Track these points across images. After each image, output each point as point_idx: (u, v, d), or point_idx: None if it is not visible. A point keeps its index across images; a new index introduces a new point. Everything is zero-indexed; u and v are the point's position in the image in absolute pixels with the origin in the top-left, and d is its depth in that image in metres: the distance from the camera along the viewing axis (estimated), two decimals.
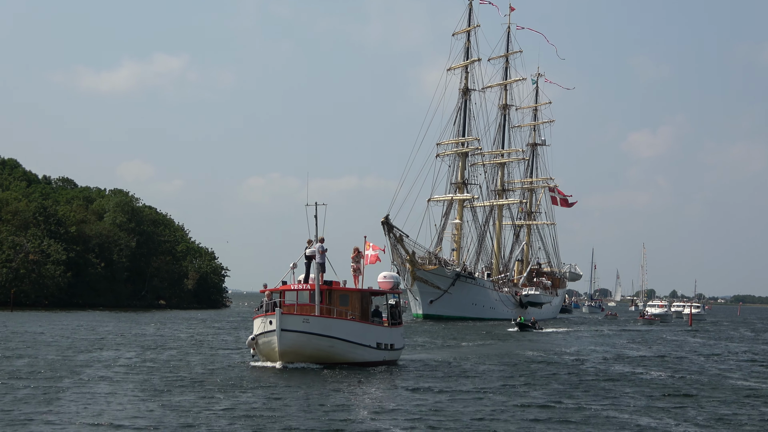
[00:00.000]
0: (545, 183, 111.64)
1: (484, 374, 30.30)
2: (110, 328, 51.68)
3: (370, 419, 19.55)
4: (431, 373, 30.02)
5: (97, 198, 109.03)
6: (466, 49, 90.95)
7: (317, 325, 29.47)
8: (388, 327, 32.88)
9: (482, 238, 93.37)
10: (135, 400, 21.54)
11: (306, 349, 29.44)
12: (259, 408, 20.72)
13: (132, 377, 26.39)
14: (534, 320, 65.98)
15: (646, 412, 21.82)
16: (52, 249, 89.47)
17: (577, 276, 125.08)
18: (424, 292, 78.70)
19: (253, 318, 31.13)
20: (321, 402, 21.87)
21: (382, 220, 72.88)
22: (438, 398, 23.26)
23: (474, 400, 23.07)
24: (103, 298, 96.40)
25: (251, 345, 30.74)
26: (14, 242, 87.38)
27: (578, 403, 23.08)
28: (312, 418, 19.42)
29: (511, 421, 19.81)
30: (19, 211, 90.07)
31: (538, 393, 24.96)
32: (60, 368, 28.07)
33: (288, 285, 31.80)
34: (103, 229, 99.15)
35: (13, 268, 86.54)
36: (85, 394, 22.30)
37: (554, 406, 22.29)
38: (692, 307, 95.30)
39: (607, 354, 41.98)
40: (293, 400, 22.24)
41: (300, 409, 20.83)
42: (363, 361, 30.90)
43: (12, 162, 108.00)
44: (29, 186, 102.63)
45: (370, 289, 33.24)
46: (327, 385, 25.21)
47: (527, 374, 30.48)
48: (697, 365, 37.03)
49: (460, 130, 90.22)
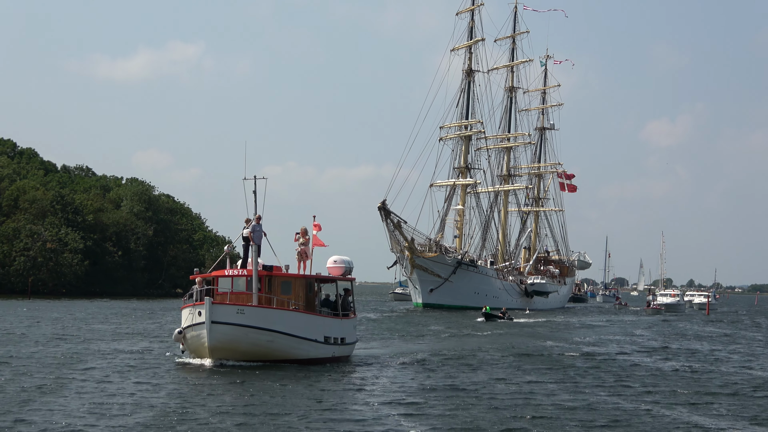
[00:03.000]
0: (553, 168, 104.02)
1: (435, 370, 25.51)
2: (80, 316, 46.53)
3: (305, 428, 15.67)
4: (384, 370, 25.39)
5: (114, 187, 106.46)
6: (470, 28, 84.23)
7: (254, 317, 24.24)
8: (338, 318, 27.34)
9: (487, 225, 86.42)
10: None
11: (241, 344, 24.22)
12: (170, 415, 16.38)
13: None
14: (504, 310, 57.74)
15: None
16: (69, 237, 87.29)
17: (586, 264, 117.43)
18: (424, 280, 72.54)
19: (181, 308, 25.81)
20: (254, 408, 17.44)
21: (379, 205, 66.87)
22: (389, 398, 19.63)
23: (422, 404, 19.02)
24: (121, 286, 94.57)
25: (178, 339, 25.34)
26: (32, 231, 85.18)
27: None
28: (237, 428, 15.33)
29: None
30: (37, 199, 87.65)
31: (489, 391, 20.36)
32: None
33: (222, 270, 26.35)
34: (121, 218, 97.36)
35: (31, 256, 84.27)
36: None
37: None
38: (705, 296, 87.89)
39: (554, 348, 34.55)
40: (217, 405, 17.79)
41: (222, 416, 16.55)
42: (308, 358, 25.57)
43: (30, 151, 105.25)
44: (47, 175, 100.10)
45: (317, 275, 27.67)
46: (264, 387, 20.53)
47: (473, 366, 26.46)
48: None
49: (463, 113, 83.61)
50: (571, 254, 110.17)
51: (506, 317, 54.74)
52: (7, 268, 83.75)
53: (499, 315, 54.67)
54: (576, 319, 65.57)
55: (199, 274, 26.63)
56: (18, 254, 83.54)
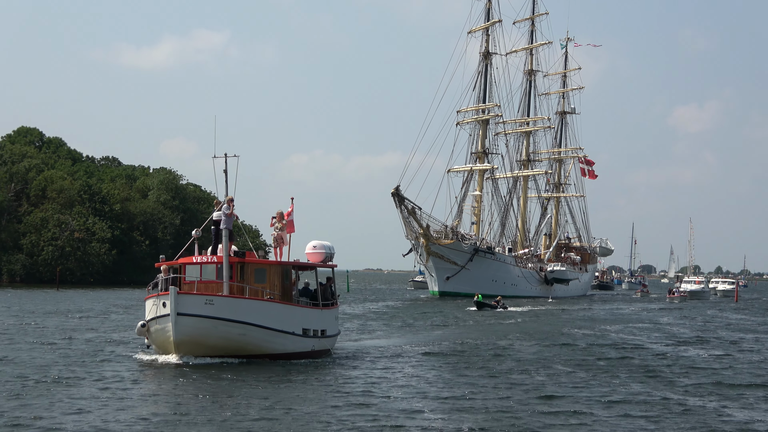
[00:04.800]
0: (574, 153, 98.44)
1: (420, 365, 22.83)
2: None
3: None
4: (366, 365, 22.70)
5: (141, 176, 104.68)
6: (486, 10, 79.57)
7: (224, 308, 21.40)
8: (318, 309, 24.28)
9: (506, 211, 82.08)
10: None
11: (210, 338, 21.37)
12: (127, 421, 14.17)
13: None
14: (499, 298, 52.64)
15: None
16: (97, 227, 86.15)
17: (608, 251, 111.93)
18: (440, 268, 68.64)
19: (144, 298, 22.97)
20: (223, 411, 15.23)
21: (392, 191, 63.25)
22: (371, 396, 17.39)
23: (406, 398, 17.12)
24: (148, 275, 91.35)
25: (142, 333, 22.47)
26: (60, 220, 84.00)
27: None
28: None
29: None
30: (65, 189, 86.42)
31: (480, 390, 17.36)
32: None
33: (189, 257, 23.46)
34: (148, 207, 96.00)
35: (59, 246, 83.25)
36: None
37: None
38: (731, 283, 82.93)
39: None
40: (180, 407, 15.52)
41: (186, 421, 14.31)
42: (285, 353, 22.64)
43: (57, 141, 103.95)
44: (74, 164, 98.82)
45: (294, 262, 24.58)
46: (236, 385, 18.21)
47: (457, 363, 23.21)
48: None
49: (480, 97, 78.96)
50: (593, 241, 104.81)
51: (500, 306, 50.33)
52: (36, 258, 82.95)
53: (492, 303, 50.39)
54: (586, 307, 60.40)
55: (165, 261, 23.72)
56: (46, 244, 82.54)
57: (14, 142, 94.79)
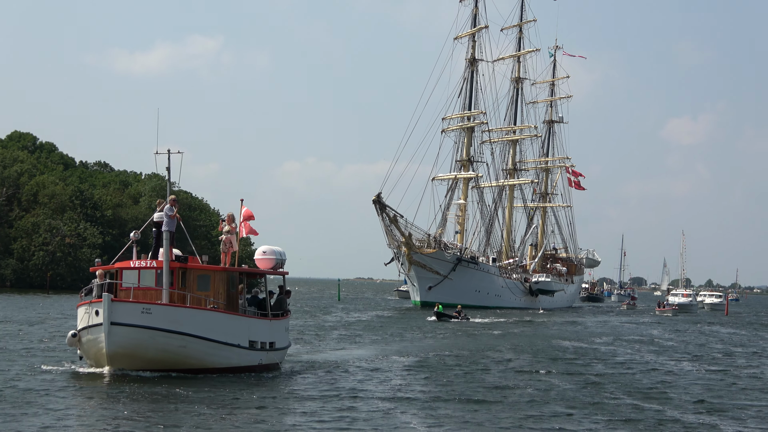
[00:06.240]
0: (562, 163, 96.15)
1: (368, 379, 21.41)
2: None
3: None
4: (317, 378, 21.46)
5: (134, 182, 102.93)
6: (473, 15, 77.60)
7: (163, 317, 19.70)
8: (266, 320, 22.45)
9: (491, 221, 79.80)
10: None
11: (147, 350, 19.63)
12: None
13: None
14: (460, 308, 50.10)
15: None
16: (88, 232, 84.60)
17: (595, 262, 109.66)
18: (422, 277, 66.53)
19: (76, 306, 21.05)
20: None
21: (374, 199, 61.20)
22: (322, 412, 16.33)
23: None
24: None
25: (73, 343, 20.53)
26: (51, 225, 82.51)
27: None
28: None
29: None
30: (56, 194, 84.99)
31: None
32: None
33: (127, 261, 21.73)
34: (139, 213, 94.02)
35: (50, 251, 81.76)
36: None
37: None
38: (718, 297, 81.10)
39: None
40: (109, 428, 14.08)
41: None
42: (229, 366, 20.86)
43: (49, 146, 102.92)
44: (66, 170, 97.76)
45: (242, 268, 23.02)
46: (173, 403, 16.51)
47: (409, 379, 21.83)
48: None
49: (465, 104, 77.03)
50: (580, 252, 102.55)
51: (462, 317, 47.80)
52: (26, 263, 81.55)
53: (453, 314, 47.91)
54: (569, 320, 57.60)
55: (101, 266, 21.75)
56: (37, 249, 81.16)
57: (7, 147, 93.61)
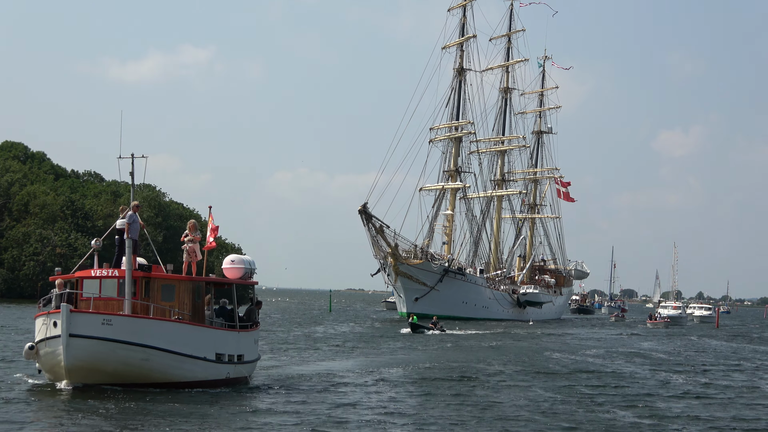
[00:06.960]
0: (550, 174, 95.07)
1: (337, 391, 20.76)
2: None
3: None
4: (286, 393, 20.35)
5: (125, 192, 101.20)
6: (461, 25, 76.68)
7: (124, 329, 18.53)
8: (234, 332, 21.20)
9: (479, 232, 78.69)
10: None
11: (107, 363, 18.43)
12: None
13: None
14: (435, 319, 48.64)
15: None
16: (79, 243, 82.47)
17: (584, 274, 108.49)
18: (409, 288, 65.24)
19: (34, 317, 19.74)
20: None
21: (360, 209, 59.99)
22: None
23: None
24: None
25: (30, 356, 19.16)
26: (42, 235, 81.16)
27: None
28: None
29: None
30: (47, 204, 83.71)
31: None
32: None
33: (87, 270, 20.56)
34: None
35: (41, 261, 80.00)
36: None
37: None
38: (708, 309, 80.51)
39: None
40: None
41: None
42: (195, 380, 19.68)
43: (40, 155, 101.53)
44: (57, 179, 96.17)
45: (208, 278, 21.70)
46: (135, 418, 15.60)
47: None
48: None
49: (453, 114, 76.04)
50: (569, 263, 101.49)
51: (438, 328, 46.44)
52: (17, 273, 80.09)
53: (428, 326, 46.55)
54: (551, 332, 55.80)
55: (60, 275, 20.49)
56: (27, 259, 79.84)
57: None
